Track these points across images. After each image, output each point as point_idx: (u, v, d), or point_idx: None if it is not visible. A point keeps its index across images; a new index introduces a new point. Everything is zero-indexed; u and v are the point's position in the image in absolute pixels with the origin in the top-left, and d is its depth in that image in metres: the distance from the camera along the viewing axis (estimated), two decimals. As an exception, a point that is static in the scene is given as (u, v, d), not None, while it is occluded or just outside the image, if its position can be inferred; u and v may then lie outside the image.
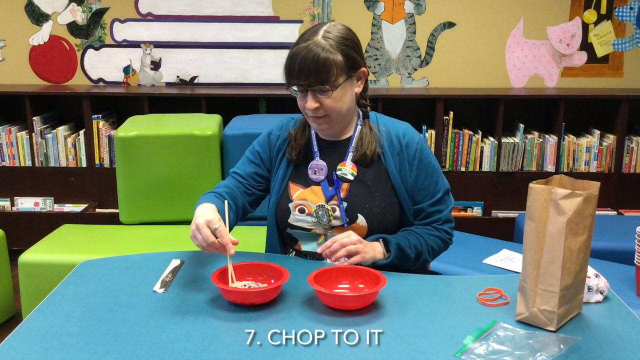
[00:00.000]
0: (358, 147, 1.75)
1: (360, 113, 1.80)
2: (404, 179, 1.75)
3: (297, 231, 1.78)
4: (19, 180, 3.84)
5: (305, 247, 1.79)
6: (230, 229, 1.64)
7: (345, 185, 1.74)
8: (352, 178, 1.74)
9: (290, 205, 1.76)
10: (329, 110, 1.66)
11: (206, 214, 1.54)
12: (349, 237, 1.60)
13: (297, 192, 1.77)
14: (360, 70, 1.70)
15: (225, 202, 1.64)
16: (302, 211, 1.75)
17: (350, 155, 1.76)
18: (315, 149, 1.79)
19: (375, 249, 1.66)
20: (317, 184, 1.76)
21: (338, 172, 1.74)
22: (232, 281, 1.50)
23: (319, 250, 1.62)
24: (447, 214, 1.79)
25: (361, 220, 1.71)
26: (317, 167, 1.76)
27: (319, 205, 1.72)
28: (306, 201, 1.75)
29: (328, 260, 1.63)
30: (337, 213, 1.72)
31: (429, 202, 1.76)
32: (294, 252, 1.82)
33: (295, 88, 1.66)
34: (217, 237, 1.50)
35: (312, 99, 1.64)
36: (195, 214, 1.57)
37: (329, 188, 1.74)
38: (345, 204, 1.72)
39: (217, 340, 1.30)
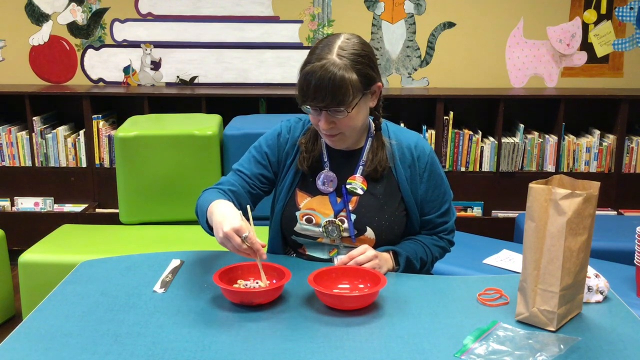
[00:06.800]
0: (369, 161, 1.72)
1: (372, 125, 1.76)
2: (414, 191, 1.73)
3: (303, 238, 1.76)
4: (19, 180, 3.84)
5: (311, 252, 1.77)
6: None
7: (354, 198, 1.71)
8: (361, 192, 1.71)
9: (298, 213, 1.73)
10: (344, 128, 1.63)
11: (231, 219, 1.47)
12: (365, 255, 1.59)
13: (305, 201, 1.73)
14: (375, 85, 1.65)
15: (248, 207, 1.59)
16: (309, 221, 1.72)
17: (360, 169, 1.73)
18: (325, 159, 1.75)
19: (387, 262, 1.67)
20: (325, 194, 1.73)
21: (348, 186, 1.71)
22: (264, 281, 1.50)
23: (336, 265, 1.61)
24: (452, 224, 1.81)
25: (369, 233, 1.69)
26: (327, 178, 1.73)
27: (328, 221, 1.69)
28: (314, 211, 1.72)
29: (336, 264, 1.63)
30: (346, 225, 1.69)
31: (437, 214, 1.77)
32: (295, 254, 1.81)
33: (308, 107, 1.60)
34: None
35: (326, 120, 1.60)
36: (217, 214, 1.50)
37: (337, 201, 1.72)
38: (354, 217, 1.69)
39: (217, 340, 1.30)
